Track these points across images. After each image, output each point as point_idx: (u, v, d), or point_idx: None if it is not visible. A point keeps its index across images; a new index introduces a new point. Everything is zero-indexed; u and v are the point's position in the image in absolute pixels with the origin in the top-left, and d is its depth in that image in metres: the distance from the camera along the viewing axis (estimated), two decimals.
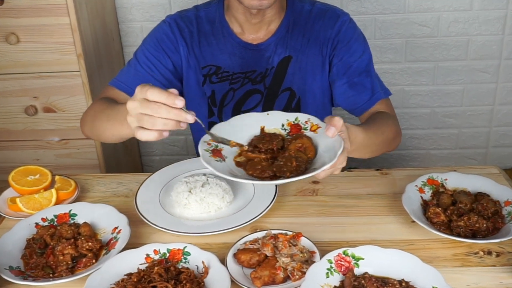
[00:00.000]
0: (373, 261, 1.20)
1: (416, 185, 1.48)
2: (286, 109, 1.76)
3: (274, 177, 1.19)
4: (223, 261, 1.24)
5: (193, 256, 1.26)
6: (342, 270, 1.19)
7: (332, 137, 1.17)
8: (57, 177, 1.61)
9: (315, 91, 1.75)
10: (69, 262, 1.28)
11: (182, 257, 1.27)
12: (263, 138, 1.30)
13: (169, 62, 1.72)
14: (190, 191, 1.48)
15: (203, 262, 1.23)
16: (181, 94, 1.82)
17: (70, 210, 1.46)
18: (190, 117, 1.17)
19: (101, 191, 1.62)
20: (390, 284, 1.14)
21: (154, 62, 1.71)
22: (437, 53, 2.73)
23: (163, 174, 1.62)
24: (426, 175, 1.51)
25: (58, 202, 1.52)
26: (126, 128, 1.27)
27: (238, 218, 1.41)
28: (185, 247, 1.28)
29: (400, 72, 2.77)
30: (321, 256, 1.23)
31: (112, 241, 1.34)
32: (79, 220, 1.44)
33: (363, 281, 1.15)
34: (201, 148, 1.23)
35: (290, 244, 1.27)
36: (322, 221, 1.42)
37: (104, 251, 1.33)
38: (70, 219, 1.44)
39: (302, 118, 1.33)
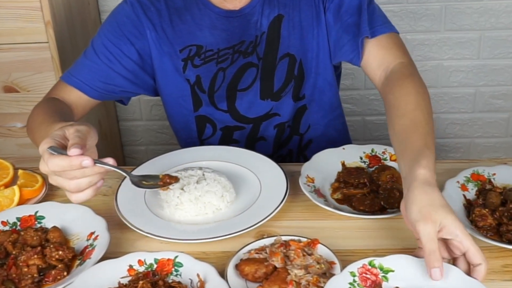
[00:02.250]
0: (405, 273, 1.20)
1: (458, 181, 1.47)
2: (289, 78, 1.76)
3: (384, 209, 1.46)
4: (222, 274, 1.24)
5: (186, 267, 1.26)
6: (368, 284, 1.19)
7: (442, 278, 1.14)
8: (20, 172, 1.61)
9: (315, 49, 1.74)
10: (35, 275, 1.28)
11: (173, 269, 1.26)
12: (351, 173, 1.56)
13: (132, 51, 1.71)
14: (182, 189, 1.48)
15: (198, 275, 1.22)
16: (152, 89, 1.81)
17: (37, 212, 1.46)
18: (108, 167, 1.24)
19: None
20: None
21: (114, 52, 1.70)
22: (483, 20, 2.71)
23: (149, 168, 1.62)
24: (470, 169, 1.51)
25: (22, 202, 1.52)
26: None
27: (241, 222, 1.41)
28: (176, 257, 1.27)
29: (438, 43, 2.76)
30: (342, 267, 1.22)
31: (87, 250, 1.34)
32: (48, 224, 1.44)
33: None
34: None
35: (305, 253, 1.27)
36: (344, 224, 1.42)
37: (77, 262, 1.33)
38: (36, 222, 1.44)
39: (378, 149, 1.64)
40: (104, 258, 1.28)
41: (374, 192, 1.51)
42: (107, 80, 1.71)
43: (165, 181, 1.34)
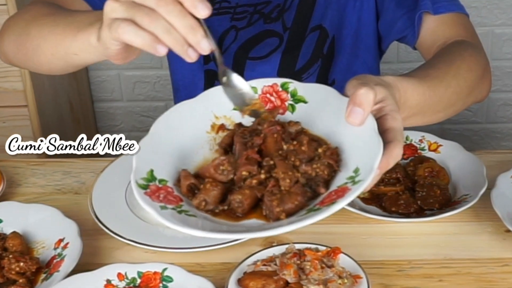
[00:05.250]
0: (317, 109, 1.12)
1: None
2: (315, 56, 1.75)
3: (421, 211, 1.45)
4: None
5: (176, 282, 1.26)
6: (266, 107, 1.15)
7: (360, 125, 1.01)
8: None
9: (354, 26, 1.74)
10: None
11: (161, 285, 1.27)
12: None
13: None
14: None
15: None
16: None
17: None
18: (206, 45, 1.10)
19: (38, 185, 1.63)
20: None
21: None
22: None
23: (131, 160, 1.62)
24: None
25: None
26: (82, 43, 1.21)
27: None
28: (164, 270, 1.28)
29: (487, 6, 2.75)
30: (369, 281, 1.22)
31: (55, 261, 1.35)
32: (6, 229, 1.44)
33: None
34: None
35: (323, 265, 1.27)
36: (371, 230, 1.43)
37: (43, 276, 1.33)
38: None
39: (414, 136, 1.63)
40: (75, 271, 1.28)
41: (409, 190, 1.50)
42: None
43: (261, 105, 1.14)
